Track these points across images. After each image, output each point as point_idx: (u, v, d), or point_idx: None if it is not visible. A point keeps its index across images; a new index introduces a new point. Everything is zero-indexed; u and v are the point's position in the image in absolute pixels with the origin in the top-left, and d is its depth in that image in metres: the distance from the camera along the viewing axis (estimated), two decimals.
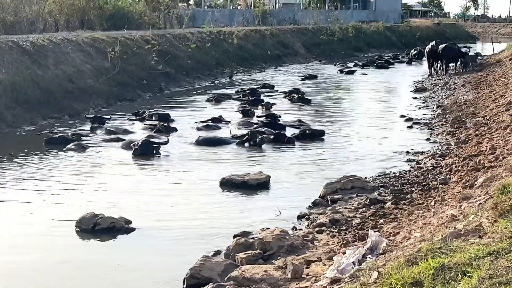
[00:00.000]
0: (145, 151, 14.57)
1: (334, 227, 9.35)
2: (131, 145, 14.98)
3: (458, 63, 33.04)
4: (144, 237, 9.50)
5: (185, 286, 7.66)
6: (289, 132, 17.18)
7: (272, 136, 16.26)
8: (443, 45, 33.43)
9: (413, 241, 7.29)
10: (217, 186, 12.11)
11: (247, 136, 15.86)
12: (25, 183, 12.33)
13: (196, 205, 11.01)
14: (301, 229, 9.53)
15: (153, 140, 15.33)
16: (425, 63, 36.62)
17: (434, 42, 34.71)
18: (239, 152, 15.27)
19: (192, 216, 10.42)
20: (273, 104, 22.28)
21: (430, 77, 32.70)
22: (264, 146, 15.62)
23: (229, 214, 10.55)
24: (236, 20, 56.10)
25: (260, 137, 15.75)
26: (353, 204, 10.61)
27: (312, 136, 16.64)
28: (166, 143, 15.13)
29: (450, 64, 33.59)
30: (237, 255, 8.15)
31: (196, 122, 18.62)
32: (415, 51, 46.35)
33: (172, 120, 19.24)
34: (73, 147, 15.24)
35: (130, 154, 14.65)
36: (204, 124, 18.31)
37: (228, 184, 12.09)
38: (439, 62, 33.95)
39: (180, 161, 14.31)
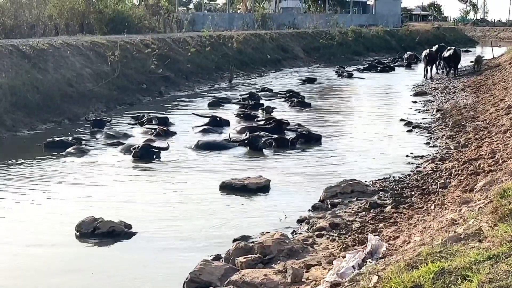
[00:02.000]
0: (145, 155, 14.56)
1: (334, 231, 9.33)
2: (131, 149, 14.97)
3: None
4: (144, 241, 9.48)
5: None
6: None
7: (274, 141, 16.23)
8: (452, 48, 33.71)
9: (413, 245, 7.28)
10: (217, 190, 12.10)
11: (247, 140, 15.82)
12: (24, 187, 12.32)
13: (196, 209, 11.00)
14: (301, 233, 9.52)
15: (153, 144, 15.32)
16: (418, 66, 37.14)
17: (437, 46, 35.07)
18: (238, 156, 15.26)
19: (192, 220, 10.41)
20: (274, 108, 22.30)
21: (429, 80, 33.00)
22: (263, 150, 15.63)
23: (229, 218, 10.54)
24: (236, 24, 56.22)
25: (262, 141, 15.73)
26: (353, 208, 10.60)
27: (309, 138, 16.65)
28: (166, 148, 15.09)
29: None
30: (237, 259, 8.14)
31: (193, 127, 18.61)
32: (407, 55, 47.25)
33: (172, 124, 19.25)
34: (72, 151, 15.24)
35: (130, 158, 14.65)
36: (201, 128, 18.29)
37: (228, 188, 12.08)
38: (438, 65, 34.31)
39: (179, 165, 14.29)
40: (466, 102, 22.22)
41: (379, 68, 41.32)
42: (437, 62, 34.83)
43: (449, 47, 34.55)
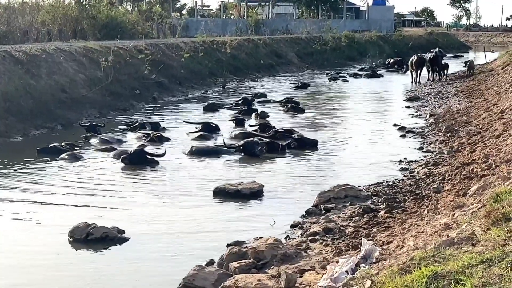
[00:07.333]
0: (135, 160, 14.50)
1: (328, 236, 9.33)
2: (124, 155, 14.91)
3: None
4: (137, 247, 9.46)
5: None
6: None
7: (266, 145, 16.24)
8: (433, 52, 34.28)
9: (406, 250, 7.28)
10: (210, 196, 12.08)
11: (242, 146, 15.76)
12: (17, 193, 12.28)
13: (190, 214, 10.98)
14: (294, 238, 9.51)
15: (150, 151, 15.27)
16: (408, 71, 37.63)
17: (437, 49, 35.53)
18: (232, 162, 15.25)
19: (186, 225, 10.39)
20: (267, 113, 22.26)
21: (418, 85, 33.44)
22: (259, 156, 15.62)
23: (223, 223, 10.53)
24: (229, 29, 56.27)
25: (259, 148, 15.69)
26: (346, 213, 10.60)
27: (303, 143, 16.65)
28: (163, 155, 15.02)
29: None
30: (231, 264, 8.12)
31: (188, 133, 18.56)
32: (393, 60, 47.99)
33: (164, 129, 19.22)
34: (66, 156, 15.19)
35: (122, 163, 14.58)
36: (197, 135, 18.25)
37: (222, 194, 12.05)
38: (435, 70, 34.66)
39: (173, 171, 14.28)
40: (459, 107, 22.29)
41: (369, 74, 41.41)
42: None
43: (432, 50, 35.17)
